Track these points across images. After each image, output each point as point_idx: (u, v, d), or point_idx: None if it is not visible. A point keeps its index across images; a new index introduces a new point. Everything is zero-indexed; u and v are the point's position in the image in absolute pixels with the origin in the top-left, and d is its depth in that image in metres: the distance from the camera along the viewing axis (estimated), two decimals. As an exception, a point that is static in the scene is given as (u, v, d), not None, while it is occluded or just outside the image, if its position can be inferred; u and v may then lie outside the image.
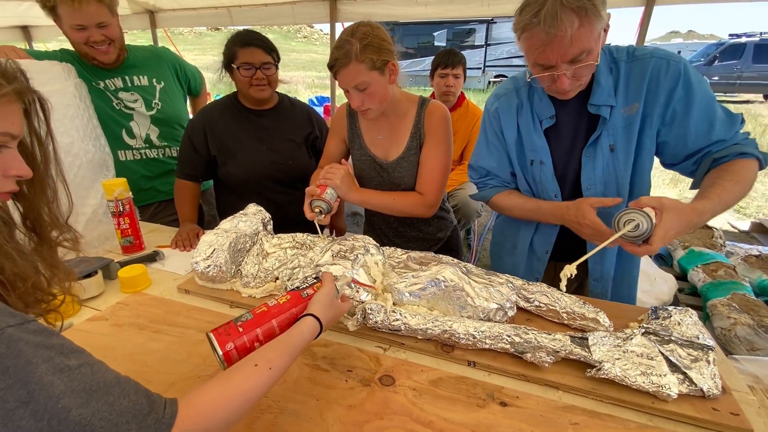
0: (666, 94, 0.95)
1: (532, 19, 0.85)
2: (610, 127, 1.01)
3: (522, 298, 0.95)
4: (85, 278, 1.04)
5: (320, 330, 0.66)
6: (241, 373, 0.55)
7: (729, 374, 0.77)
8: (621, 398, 0.70)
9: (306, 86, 16.04)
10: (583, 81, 0.96)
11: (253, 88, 1.41)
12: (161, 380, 0.75)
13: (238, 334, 0.63)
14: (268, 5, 3.76)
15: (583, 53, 0.88)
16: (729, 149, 0.93)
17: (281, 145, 1.52)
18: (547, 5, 0.83)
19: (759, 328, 2.07)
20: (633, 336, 0.76)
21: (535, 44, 0.89)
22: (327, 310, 0.69)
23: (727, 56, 12.67)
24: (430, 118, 1.24)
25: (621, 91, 0.99)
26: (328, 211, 1.14)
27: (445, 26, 14.94)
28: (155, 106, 1.67)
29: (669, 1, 2.90)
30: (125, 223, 1.28)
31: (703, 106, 0.94)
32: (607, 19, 0.89)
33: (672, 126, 0.97)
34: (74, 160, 1.27)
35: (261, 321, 0.66)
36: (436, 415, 0.67)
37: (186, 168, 1.53)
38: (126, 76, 1.59)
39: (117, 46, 1.51)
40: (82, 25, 1.40)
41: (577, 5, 0.82)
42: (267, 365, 0.56)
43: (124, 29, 1.58)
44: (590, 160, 1.04)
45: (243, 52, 1.36)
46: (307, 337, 0.64)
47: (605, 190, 1.05)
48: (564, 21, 0.82)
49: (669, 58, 0.96)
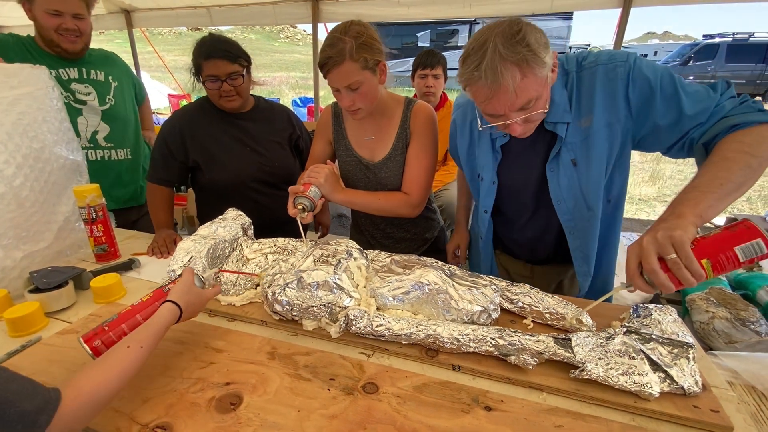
0: (623, 97, 0.92)
1: (474, 72, 0.82)
2: (568, 143, 0.98)
3: (506, 300, 0.94)
4: (54, 289, 1.00)
5: (180, 312, 0.77)
6: (116, 355, 0.65)
7: (709, 371, 0.78)
8: (604, 398, 0.70)
9: (289, 87, 15.91)
10: (536, 123, 0.93)
11: (222, 99, 1.39)
12: (134, 395, 0.72)
13: (104, 332, 0.73)
14: (248, 5, 3.71)
15: (531, 101, 0.85)
16: (717, 126, 0.84)
17: (265, 146, 1.51)
18: (486, 59, 0.80)
19: (736, 321, 2.12)
20: (615, 335, 0.76)
21: (480, 98, 0.87)
22: (184, 295, 0.79)
23: (701, 56, 13.09)
24: (415, 118, 1.24)
25: (575, 105, 0.96)
26: (311, 209, 1.12)
27: (429, 27, 15.03)
28: (109, 101, 1.65)
29: (645, 3, 2.98)
30: (98, 230, 1.23)
31: (662, 91, 0.89)
32: (552, 61, 0.86)
33: (642, 122, 0.93)
34: (45, 166, 1.21)
35: (126, 317, 0.76)
36: (420, 422, 0.66)
37: (160, 173, 1.48)
38: (83, 68, 1.59)
39: (84, 40, 1.53)
40: (59, 11, 1.43)
41: (517, 58, 0.79)
42: (138, 345, 0.67)
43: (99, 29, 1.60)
44: (554, 174, 1.02)
45: (207, 65, 1.32)
46: (168, 317, 0.74)
47: (575, 204, 1.03)
48: (505, 75, 0.79)
49: (614, 62, 0.92)
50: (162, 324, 0.73)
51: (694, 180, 0.79)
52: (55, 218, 1.23)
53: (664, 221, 0.74)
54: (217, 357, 0.82)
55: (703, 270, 0.69)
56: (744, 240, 0.68)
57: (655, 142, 0.95)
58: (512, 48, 0.79)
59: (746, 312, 2.16)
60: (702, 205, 0.74)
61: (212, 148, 1.45)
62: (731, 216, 3.92)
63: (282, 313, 0.91)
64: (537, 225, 1.13)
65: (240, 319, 0.97)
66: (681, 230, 0.69)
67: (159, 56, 8.10)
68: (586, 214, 1.04)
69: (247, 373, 0.77)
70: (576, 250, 1.09)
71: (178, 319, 0.77)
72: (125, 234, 1.51)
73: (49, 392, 0.55)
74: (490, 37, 0.81)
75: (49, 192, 1.21)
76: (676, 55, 14.11)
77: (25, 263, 1.10)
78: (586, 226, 1.05)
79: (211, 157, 1.45)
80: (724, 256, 0.69)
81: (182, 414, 0.68)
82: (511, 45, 0.79)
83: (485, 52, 0.80)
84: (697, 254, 0.69)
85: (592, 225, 1.05)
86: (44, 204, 1.19)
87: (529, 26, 0.82)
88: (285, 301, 0.90)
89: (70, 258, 1.28)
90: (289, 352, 0.83)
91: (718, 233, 0.71)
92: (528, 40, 0.79)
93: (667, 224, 0.72)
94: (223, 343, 0.87)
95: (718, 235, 0.71)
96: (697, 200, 0.75)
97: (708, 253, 0.70)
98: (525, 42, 0.79)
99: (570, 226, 1.07)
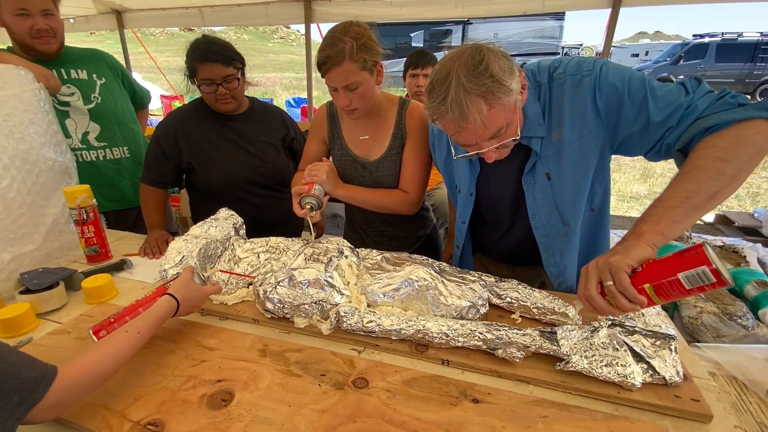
0: (592, 107, 0.89)
1: (440, 107, 0.80)
2: (543, 156, 0.96)
3: (494, 295, 0.96)
4: (45, 290, 1.00)
5: (177, 304, 0.83)
6: (114, 338, 0.71)
7: (691, 362, 0.80)
8: (589, 389, 0.72)
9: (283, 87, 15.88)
10: (510, 147, 0.91)
11: (218, 102, 1.39)
12: (126, 393, 0.72)
13: (110, 324, 0.81)
14: (241, 5, 3.71)
15: (501, 129, 0.83)
16: (691, 129, 0.79)
17: (260, 148, 1.51)
18: (451, 93, 0.77)
19: (724, 316, 2.16)
20: (600, 328, 0.78)
21: (449, 131, 0.85)
22: (182, 289, 0.86)
23: (691, 56, 13.25)
24: (411, 117, 1.26)
25: (547, 118, 0.94)
26: (318, 207, 1.13)
27: (422, 27, 15.05)
28: (94, 99, 1.62)
29: (635, 3, 3.02)
30: (90, 231, 1.23)
31: (630, 97, 0.85)
32: (520, 85, 0.83)
33: (615, 129, 0.90)
34: (32, 168, 1.21)
35: (130, 311, 0.84)
36: (409, 415, 0.67)
37: (154, 174, 1.48)
38: (62, 68, 1.56)
39: (59, 39, 1.51)
40: (26, 9, 1.39)
41: (481, 90, 0.76)
42: (135, 331, 0.73)
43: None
44: (531, 187, 1.00)
45: (202, 68, 1.32)
46: (165, 308, 0.80)
47: (549, 218, 1.01)
48: (471, 109, 0.77)
49: (581, 72, 0.89)
50: (158, 314, 0.78)
51: (662, 193, 0.75)
52: (44, 220, 1.22)
53: (622, 241, 0.72)
54: (209, 355, 0.83)
55: (644, 296, 0.66)
56: (690, 266, 0.62)
57: (632, 148, 0.91)
58: (476, 80, 0.76)
59: (734, 306, 2.19)
60: (663, 223, 0.71)
61: (206, 149, 1.45)
62: (721, 213, 3.98)
63: (273, 311, 0.92)
64: (515, 237, 1.13)
65: (232, 317, 0.98)
66: (621, 255, 0.67)
67: (151, 57, 8.05)
68: (562, 229, 1.01)
69: (238, 370, 0.78)
70: (550, 266, 1.07)
71: (176, 312, 0.83)
72: (117, 235, 1.50)
73: (47, 366, 0.59)
74: (452, 69, 0.78)
75: (37, 194, 1.20)
76: (666, 54, 14.26)
77: (13, 265, 1.10)
78: (561, 242, 1.03)
79: (205, 158, 1.45)
80: (667, 283, 0.64)
81: (174, 411, 0.69)
82: (474, 77, 0.76)
83: (449, 85, 0.78)
84: (642, 278, 0.67)
85: (568, 241, 1.02)
86: (32, 206, 1.19)
87: (492, 53, 0.79)
88: (276, 299, 0.90)
89: (60, 260, 1.27)
90: (281, 349, 0.84)
91: (670, 256, 0.65)
92: (491, 70, 0.76)
93: (618, 247, 0.71)
94: (215, 341, 0.87)
95: (668, 259, 0.66)
96: (660, 217, 0.71)
97: (652, 278, 0.66)
98: (488, 72, 0.76)
99: (544, 242, 1.04)
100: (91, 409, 0.69)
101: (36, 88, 1.28)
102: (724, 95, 0.78)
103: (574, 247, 1.03)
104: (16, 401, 0.54)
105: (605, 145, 0.93)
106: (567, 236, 1.02)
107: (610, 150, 0.95)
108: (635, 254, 0.68)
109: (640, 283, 0.67)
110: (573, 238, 1.02)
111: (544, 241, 1.05)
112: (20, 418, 0.54)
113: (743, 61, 12.71)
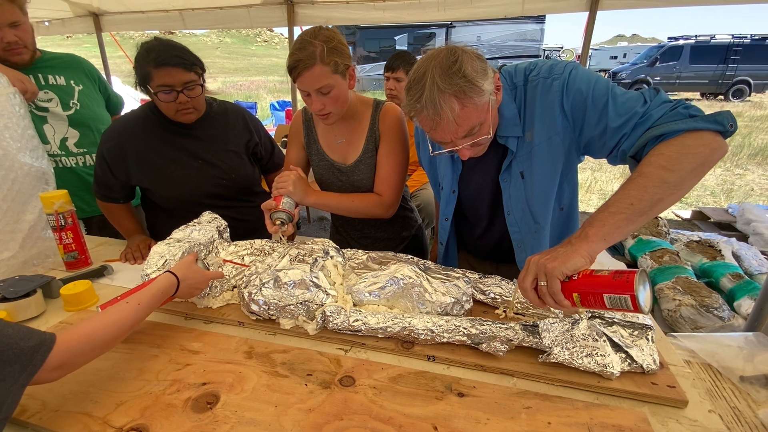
0: (559, 109, 0.92)
1: (416, 105, 0.84)
2: (518, 155, 0.99)
3: (478, 291, 0.98)
4: (22, 298, 0.97)
5: (177, 282, 0.86)
6: (115, 308, 0.75)
7: (667, 350, 0.83)
8: (570, 380, 0.73)
9: (267, 91, 15.77)
10: (486, 145, 0.94)
11: (179, 113, 1.25)
12: (108, 400, 0.71)
13: (117, 302, 0.82)
14: (223, 8, 3.68)
15: (474, 128, 0.86)
16: (644, 137, 0.81)
17: (220, 158, 1.37)
18: (426, 92, 0.81)
19: (701, 308, 2.23)
20: (580, 321, 0.80)
21: (425, 128, 0.89)
22: (183, 269, 0.89)
23: (666, 58, 13.69)
24: (384, 119, 1.26)
25: (522, 118, 0.97)
26: (289, 221, 1.11)
27: (406, 30, 15.14)
28: (73, 106, 1.59)
29: (611, 7, 3.10)
30: (68, 237, 1.20)
31: (594, 102, 0.88)
32: (493, 86, 0.86)
33: (580, 131, 0.93)
34: (8, 174, 1.18)
35: (137, 290, 0.85)
36: (396, 410, 0.68)
37: (104, 190, 1.38)
38: (39, 74, 1.52)
39: (30, 48, 1.47)
40: None
41: (454, 89, 0.80)
42: (136, 302, 0.77)
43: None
44: (507, 185, 1.03)
45: (158, 74, 1.17)
46: (165, 283, 0.84)
47: (522, 216, 1.05)
48: (444, 108, 0.81)
49: (552, 76, 0.92)
50: (159, 288, 0.83)
51: (611, 197, 0.78)
52: (20, 227, 1.19)
53: (568, 242, 0.75)
54: (193, 358, 0.82)
55: (570, 301, 0.72)
56: (617, 291, 0.68)
57: (595, 151, 0.94)
58: (449, 80, 0.80)
59: (710, 299, 2.27)
60: (606, 228, 0.74)
61: (158, 164, 1.31)
62: (697, 209, 4.10)
63: (259, 313, 0.92)
64: (495, 233, 1.15)
65: (217, 321, 0.97)
66: (559, 261, 0.71)
67: (131, 61, 7.86)
68: (533, 226, 1.05)
69: (223, 372, 0.78)
70: (522, 262, 1.09)
71: (176, 291, 0.86)
72: (97, 241, 1.47)
73: (44, 334, 0.61)
74: (428, 69, 0.82)
75: (12, 200, 1.17)
76: (643, 56, 14.69)
77: (-10, 273, 1.07)
78: (532, 239, 1.06)
79: (158, 174, 1.31)
80: (593, 297, 0.70)
81: (158, 415, 0.68)
82: (447, 77, 0.80)
83: (424, 84, 0.82)
84: (573, 287, 0.71)
85: (539, 239, 1.06)
86: (8, 212, 1.16)
87: (466, 54, 0.83)
88: (261, 300, 0.90)
89: (37, 267, 1.24)
90: (267, 351, 0.84)
91: (605, 275, 0.70)
92: (464, 71, 0.80)
93: (561, 249, 0.74)
94: (199, 344, 0.87)
95: (602, 277, 0.70)
96: (604, 222, 0.74)
97: (581, 290, 0.71)
98: (461, 73, 0.80)
99: (517, 238, 1.08)
100: (72, 417, 0.68)
101: (10, 93, 1.25)
102: (677, 106, 0.80)
103: (544, 245, 1.06)
104: (18, 369, 0.57)
105: (572, 146, 0.96)
106: (537, 233, 1.05)
107: (577, 152, 0.98)
108: (571, 264, 0.72)
109: (570, 291, 0.72)
110: (543, 235, 1.06)
111: (517, 237, 1.08)
112: (25, 383, 0.58)
113: (716, 63, 13.18)
